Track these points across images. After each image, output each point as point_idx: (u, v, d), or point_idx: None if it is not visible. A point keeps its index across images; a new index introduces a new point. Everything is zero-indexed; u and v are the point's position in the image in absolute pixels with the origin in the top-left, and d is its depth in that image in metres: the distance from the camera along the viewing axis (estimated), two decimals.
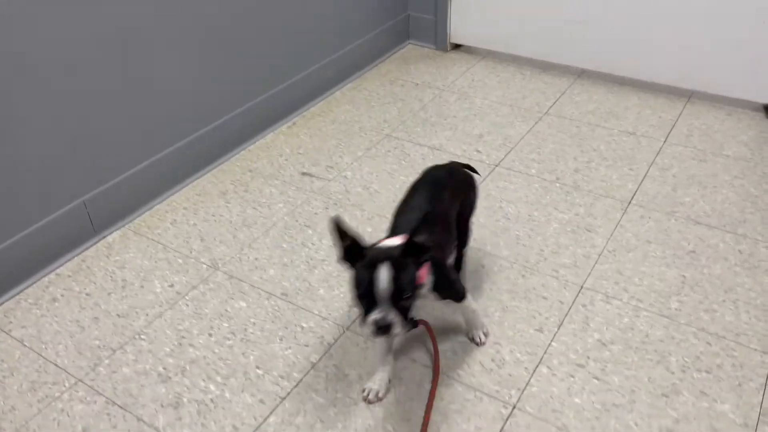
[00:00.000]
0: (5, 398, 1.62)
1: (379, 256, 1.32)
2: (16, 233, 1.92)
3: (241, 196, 2.33)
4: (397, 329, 1.31)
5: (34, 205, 1.95)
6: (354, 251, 1.34)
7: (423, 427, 1.49)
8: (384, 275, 1.27)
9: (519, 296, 1.85)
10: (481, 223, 2.12)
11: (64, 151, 1.97)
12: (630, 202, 2.20)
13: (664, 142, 2.52)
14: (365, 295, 1.30)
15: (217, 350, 1.73)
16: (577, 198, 2.23)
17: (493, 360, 1.66)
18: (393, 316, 1.29)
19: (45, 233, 1.98)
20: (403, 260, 1.32)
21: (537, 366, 1.64)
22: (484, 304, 1.82)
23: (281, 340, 1.75)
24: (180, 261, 2.04)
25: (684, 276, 1.89)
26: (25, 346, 1.77)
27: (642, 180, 2.31)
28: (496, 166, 2.42)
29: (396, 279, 1.28)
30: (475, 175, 1.83)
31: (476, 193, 1.82)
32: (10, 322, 1.84)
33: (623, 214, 2.15)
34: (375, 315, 1.29)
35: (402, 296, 1.29)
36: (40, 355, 1.74)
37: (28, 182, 1.91)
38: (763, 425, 1.48)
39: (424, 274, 1.42)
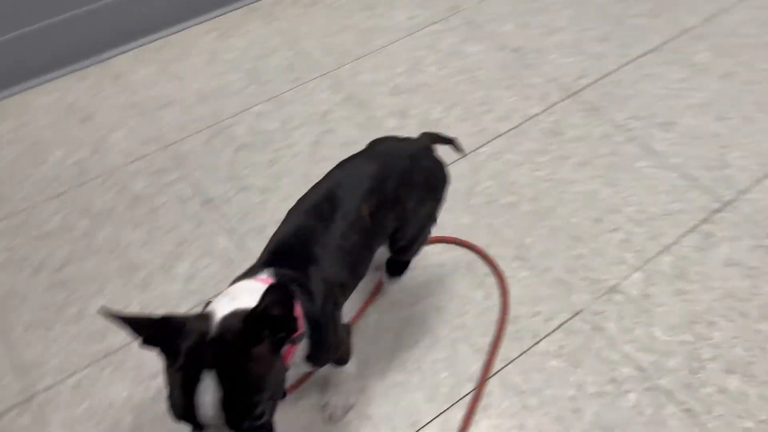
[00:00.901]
0: (264, 73, 1.88)
1: (202, 349, 0.77)
2: None
3: None
4: None
5: None
6: (165, 331, 0.79)
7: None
8: (208, 399, 0.75)
9: (765, 110, 1.71)
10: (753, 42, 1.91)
11: None
12: None
13: None
14: (187, 420, 0.78)
15: (445, 82, 1.84)
16: None
17: (716, 159, 1.61)
18: None
19: None
20: (241, 357, 0.77)
21: (764, 177, 1.57)
22: (726, 109, 1.71)
23: (507, 88, 1.81)
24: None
25: None
26: (281, 35, 1.99)
27: None
28: None
29: (230, 401, 0.75)
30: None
31: (443, 193, 1.20)
32: (270, 14, 2.06)
33: None
34: None
35: (246, 418, 0.77)
36: (295, 45, 1.95)
37: None
38: None
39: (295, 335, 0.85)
